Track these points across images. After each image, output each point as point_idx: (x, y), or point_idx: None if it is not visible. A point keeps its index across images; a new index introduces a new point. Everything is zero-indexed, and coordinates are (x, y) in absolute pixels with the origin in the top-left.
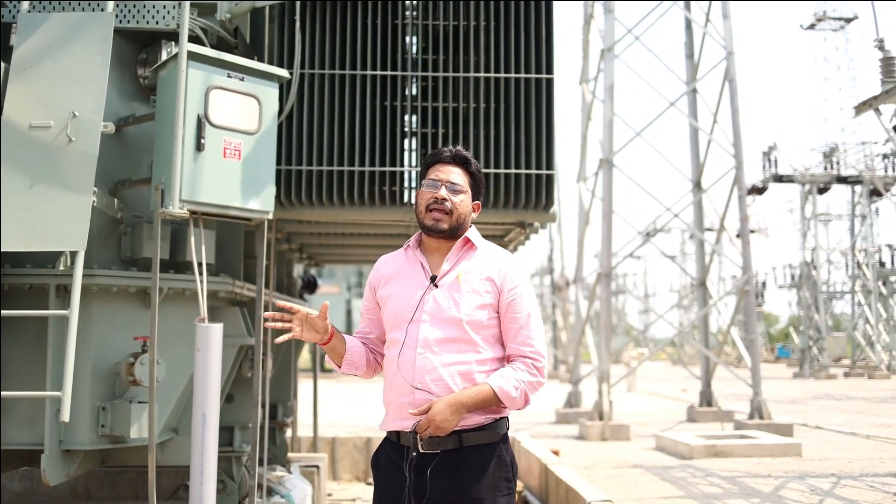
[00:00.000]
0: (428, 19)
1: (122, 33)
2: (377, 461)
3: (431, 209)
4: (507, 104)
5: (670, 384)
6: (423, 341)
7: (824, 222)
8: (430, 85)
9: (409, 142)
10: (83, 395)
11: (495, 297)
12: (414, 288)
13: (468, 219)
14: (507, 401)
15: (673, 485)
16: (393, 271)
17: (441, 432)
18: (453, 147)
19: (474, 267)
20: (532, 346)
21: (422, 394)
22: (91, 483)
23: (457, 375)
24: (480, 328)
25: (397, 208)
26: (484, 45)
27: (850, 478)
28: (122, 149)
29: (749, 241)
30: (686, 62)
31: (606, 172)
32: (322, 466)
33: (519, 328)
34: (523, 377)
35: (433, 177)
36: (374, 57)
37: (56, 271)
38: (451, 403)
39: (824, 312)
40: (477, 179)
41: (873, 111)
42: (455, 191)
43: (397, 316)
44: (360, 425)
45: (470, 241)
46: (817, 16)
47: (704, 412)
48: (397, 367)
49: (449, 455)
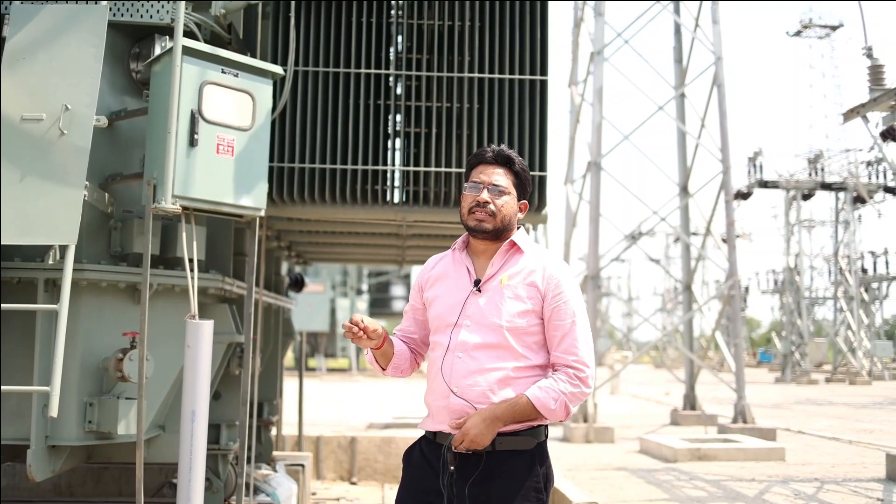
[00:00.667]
0: (422, 19)
1: (114, 27)
2: (410, 455)
3: (474, 211)
4: (500, 105)
5: (653, 387)
6: (462, 346)
7: (808, 228)
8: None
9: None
10: (70, 390)
11: (539, 303)
12: (458, 291)
13: (514, 220)
14: (545, 412)
15: (658, 487)
16: (440, 273)
17: (476, 446)
18: (496, 146)
19: (519, 272)
20: (576, 355)
21: (458, 400)
22: (74, 479)
23: (494, 382)
24: (522, 335)
25: (388, 208)
26: (479, 45)
27: (833, 482)
28: (114, 143)
29: (735, 246)
30: (675, 66)
31: (594, 175)
32: (307, 465)
33: (563, 336)
34: (564, 388)
35: (475, 179)
36: (367, 55)
37: (45, 265)
38: (486, 417)
39: (807, 318)
40: (522, 179)
41: (861, 118)
42: (498, 192)
43: (441, 319)
44: (343, 424)
45: (516, 244)
46: (803, 23)
47: (688, 415)
48: (439, 370)
49: (480, 459)
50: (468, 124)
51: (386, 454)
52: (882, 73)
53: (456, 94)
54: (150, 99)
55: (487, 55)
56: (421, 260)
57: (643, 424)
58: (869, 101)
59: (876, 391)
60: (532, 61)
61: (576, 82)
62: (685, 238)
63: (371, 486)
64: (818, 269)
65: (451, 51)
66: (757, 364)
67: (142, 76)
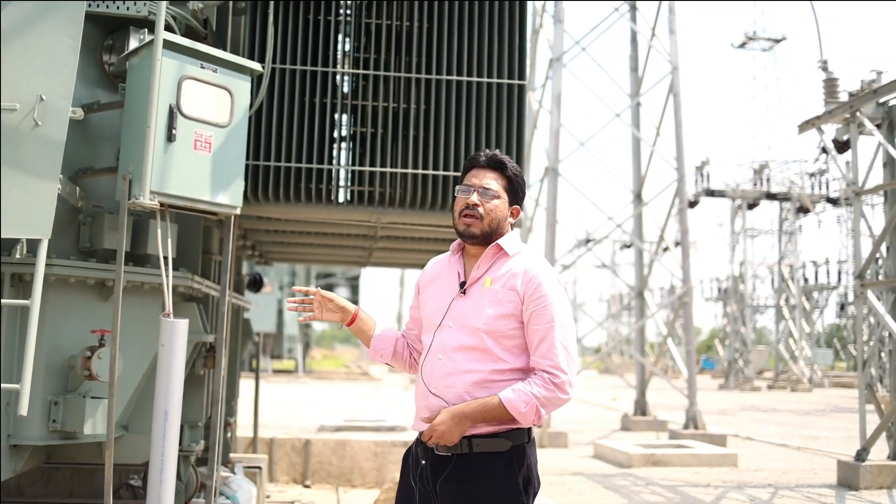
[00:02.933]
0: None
1: (88, 18)
2: (408, 455)
3: (464, 215)
4: (478, 108)
5: (600, 392)
6: (441, 347)
7: (752, 237)
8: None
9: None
10: (35, 388)
11: (518, 306)
12: (446, 293)
13: (504, 224)
14: (516, 415)
15: (616, 493)
16: (435, 275)
17: (444, 442)
18: (489, 151)
19: (502, 275)
20: (552, 360)
21: (435, 399)
22: (24, 479)
23: (470, 384)
24: (501, 338)
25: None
26: (457, 47)
27: (786, 488)
28: (85, 136)
29: (689, 254)
30: (631, 75)
31: (552, 181)
32: (263, 467)
33: (540, 340)
34: (537, 392)
35: (467, 182)
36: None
37: (11, 259)
38: (455, 415)
39: (750, 326)
40: (515, 184)
41: (816, 130)
42: (489, 196)
43: (429, 320)
44: (294, 426)
45: (501, 248)
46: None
47: (639, 421)
48: (420, 370)
49: (458, 460)
50: (446, 127)
51: (340, 457)
52: (836, 86)
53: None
54: (126, 92)
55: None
56: (386, 262)
57: (594, 429)
58: (824, 113)
59: (817, 398)
60: (510, 66)
61: (533, 88)
62: (639, 244)
63: (325, 489)
64: (761, 277)
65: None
66: (699, 371)
67: (115, 69)
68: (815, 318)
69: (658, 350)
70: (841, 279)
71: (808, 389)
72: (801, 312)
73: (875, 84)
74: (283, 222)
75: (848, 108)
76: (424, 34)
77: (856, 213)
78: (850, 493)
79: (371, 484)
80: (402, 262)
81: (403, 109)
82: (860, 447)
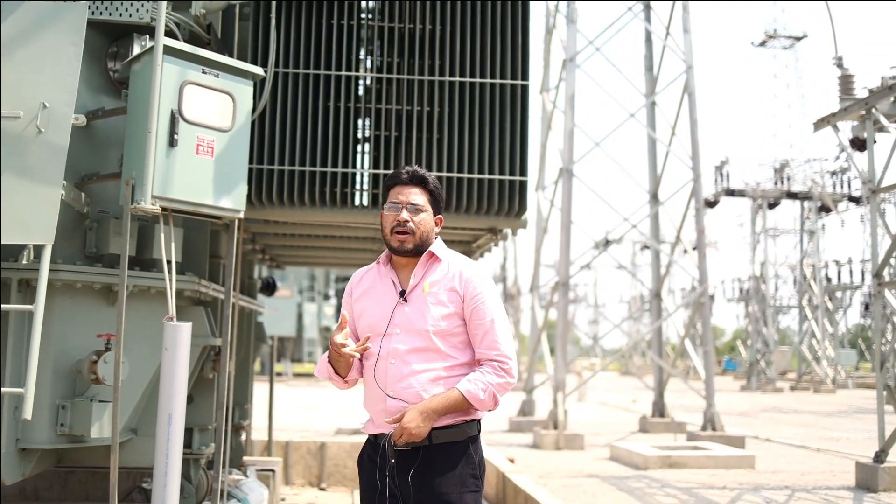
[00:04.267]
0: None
1: (92, 25)
2: (361, 461)
3: (396, 231)
4: (481, 109)
5: (620, 394)
6: (393, 352)
7: (773, 237)
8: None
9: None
10: (43, 392)
11: (459, 305)
12: (386, 302)
13: (432, 234)
14: (476, 403)
15: (630, 495)
16: (367, 286)
17: (415, 439)
18: (410, 168)
19: (439, 279)
20: (498, 349)
21: (394, 402)
22: (40, 483)
23: (426, 382)
24: (447, 336)
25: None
26: (460, 49)
27: (803, 490)
28: (90, 142)
29: (705, 254)
30: (645, 74)
31: (566, 182)
32: (277, 471)
33: (484, 333)
34: (491, 380)
35: (394, 199)
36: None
37: (18, 265)
38: (423, 411)
39: (772, 326)
40: (436, 196)
41: (831, 127)
42: (415, 210)
43: (371, 329)
44: (311, 430)
45: (434, 254)
46: (768, 33)
47: (657, 423)
48: (373, 377)
49: (419, 453)
50: (449, 128)
51: (356, 460)
52: (852, 82)
53: (438, 98)
54: (128, 98)
55: (469, 60)
56: None
57: (612, 431)
58: (839, 110)
59: (840, 399)
60: (513, 66)
61: (547, 89)
62: (655, 245)
63: (340, 491)
64: (783, 277)
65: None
66: (722, 372)
67: (119, 75)
68: (839, 319)
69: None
70: (864, 279)
71: (831, 390)
72: (823, 312)
73: (893, 81)
74: (291, 225)
75: (863, 104)
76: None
77: (872, 211)
78: (869, 496)
79: None
80: None
81: (417, 112)
82: (878, 448)
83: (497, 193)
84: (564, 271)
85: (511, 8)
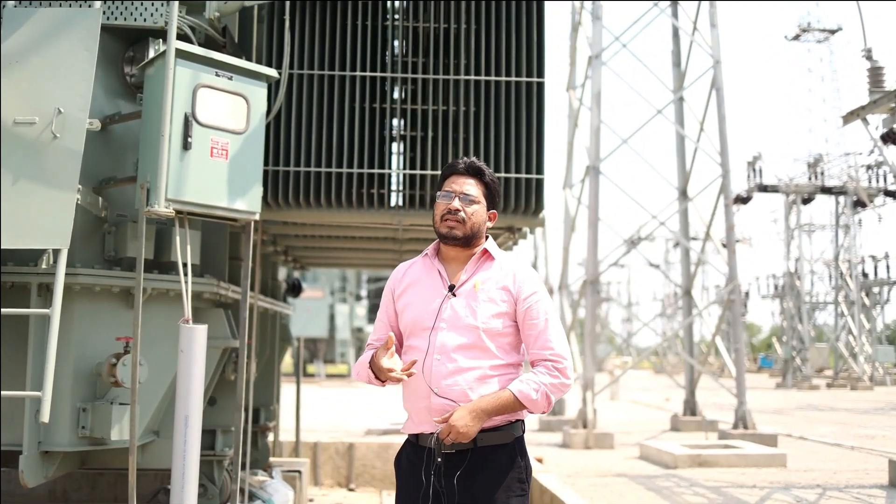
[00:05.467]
0: (418, 21)
1: (109, 30)
2: (399, 462)
3: (445, 218)
4: (497, 107)
5: (653, 393)
6: (440, 348)
7: (808, 233)
8: (419, 87)
9: (397, 145)
10: (63, 395)
11: (511, 305)
12: (432, 296)
13: (483, 228)
14: (528, 403)
15: (658, 494)
16: (412, 279)
17: (463, 438)
18: (467, 158)
19: (490, 277)
20: (552, 349)
21: (439, 399)
22: (69, 485)
23: (473, 381)
24: (496, 336)
25: (385, 211)
26: (475, 47)
27: (835, 489)
28: (108, 147)
29: (735, 251)
30: (673, 70)
31: (593, 179)
32: (304, 471)
33: (538, 334)
34: (544, 380)
35: (447, 188)
36: (362, 58)
37: (38, 270)
38: (472, 410)
39: (807, 323)
40: (492, 189)
41: (861, 121)
42: (468, 201)
43: (416, 324)
44: (341, 430)
45: (487, 252)
46: (802, 27)
47: (688, 421)
48: (419, 372)
49: (464, 456)
50: (465, 127)
51: (384, 460)
52: (882, 75)
53: (453, 97)
54: (143, 102)
55: (483, 58)
56: None
57: (643, 430)
58: (869, 103)
59: (878, 396)
60: (528, 64)
61: (574, 86)
62: (684, 243)
63: (369, 492)
64: (819, 273)
65: (454, 54)
66: (758, 369)
67: (136, 80)
68: (876, 314)
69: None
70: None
71: (868, 387)
72: (860, 308)
73: None
74: (311, 227)
75: (893, 97)
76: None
77: None
78: None
79: None
80: None
81: (433, 111)
82: None
83: (514, 191)
84: (593, 269)
85: (527, 6)
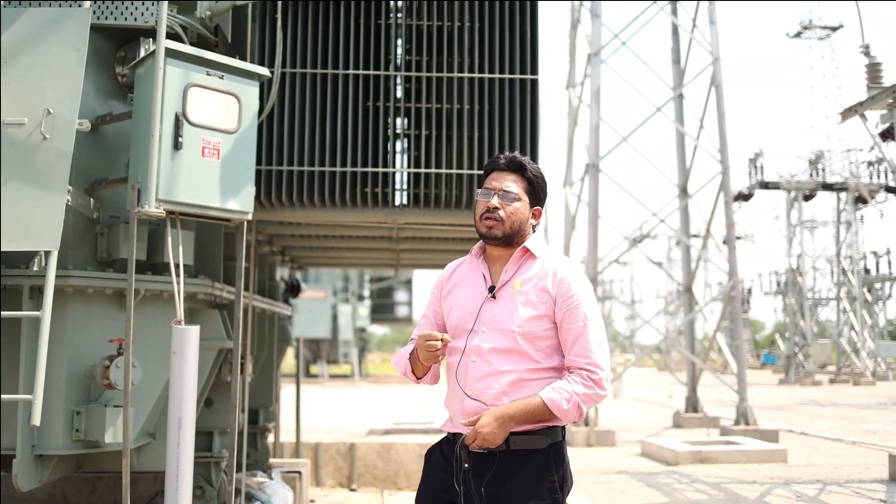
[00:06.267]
0: (412, 19)
1: (99, 30)
2: (430, 454)
3: (485, 217)
4: (491, 105)
5: (656, 390)
6: (476, 350)
7: (810, 229)
8: (412, 86)
9: (394, 143)
10: (57, 398)
11: (550, 307)
12: (474, 298)
13: (526, 225)
14: (558, 412)
15: (658, 491)
16: (458, 279)
17: (488, 444)
18: (509, 153)
19: (531, 277)
20: (589, 358)
21: (472, 402)
22: (68, 489)
23: (507, 385)
24: (534, 339)
25: (378, 210)
26: (468, 45)
27: (835, 484)
28: (99, 147)
29: (735, 247)
30: (672, 67)
31: (593, 177)
32: (304, 472)
33: (575, 339)
34: (577, 389)
35: (487, 185)
36: (357, 57)
37: (30, 272)
38: (499, 416)
39: (810, 319)
40: (535, 185)
41: (859, 117)
42: (509, 199)
43: (458, 325)
44: (343, 431)
45: (528, 250)
46: (803, 24)
47: (690, 418)
48: (454, 374)
49: (495, 458)
50: (458, 125)
51: (385, 460)
52: (880, 71)
53: (447, 94)
54: (134, 102)
55: (478, 55)
56: (416, 264)
57: (645, 427)
58: (867, 99)
59: (880, 392)
60: (523, 61)
61: (573, 84)
62: (685, 240)
63: (370, 492)
64: (821, 269)
65: (448, 52)
66: (761, 366)
67: (127, 80)
68: (878, 310)
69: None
70: None
71: (871, 383)
72: (862, 304)
73: None
74: (307, 226)
75: (891, 93)
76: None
77: None
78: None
79: (416, 487)
80: (430, 264)
81: (426, 109)
82: None
83: None
84: (592, 267)
85: (520, 4)
